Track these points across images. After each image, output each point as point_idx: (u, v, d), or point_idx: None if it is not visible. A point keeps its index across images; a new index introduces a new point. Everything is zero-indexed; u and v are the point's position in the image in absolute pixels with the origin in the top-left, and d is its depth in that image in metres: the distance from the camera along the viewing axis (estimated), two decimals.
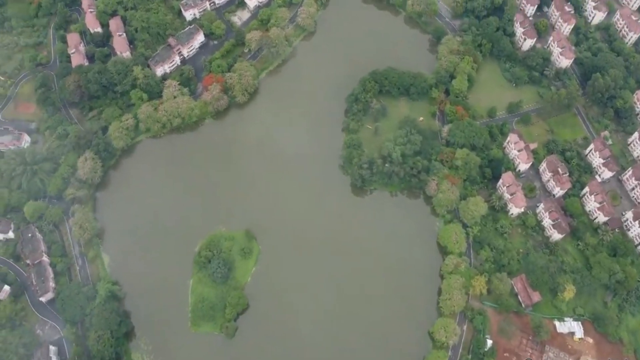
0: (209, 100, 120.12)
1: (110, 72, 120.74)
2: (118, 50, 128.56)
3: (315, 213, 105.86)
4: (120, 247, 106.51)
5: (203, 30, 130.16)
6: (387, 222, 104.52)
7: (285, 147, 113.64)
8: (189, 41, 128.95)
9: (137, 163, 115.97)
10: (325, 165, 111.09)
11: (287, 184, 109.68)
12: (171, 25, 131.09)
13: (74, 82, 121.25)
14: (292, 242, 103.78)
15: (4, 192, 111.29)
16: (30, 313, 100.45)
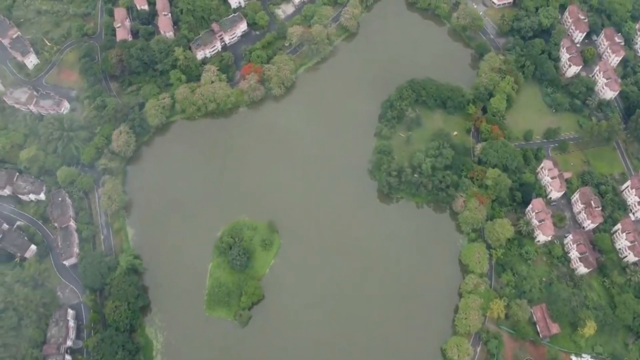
0: (245, 89, 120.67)
1: (152, 50, 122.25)
2: (162, 30, 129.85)
3: (339, 215, 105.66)
4: (145, 222, 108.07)
5: (246, 19, 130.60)
6: (410, 233, 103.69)
7: (315, 145, 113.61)
8: (232, 28, 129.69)
9: (169, 142, 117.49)
10: (354, 168, 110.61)
11: (313, 182, 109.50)
12: (216, 10, 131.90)
13: (116, 55, 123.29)
14: (313, 241, 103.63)
15: (40, 155, 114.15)
16: (53, 275, 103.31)
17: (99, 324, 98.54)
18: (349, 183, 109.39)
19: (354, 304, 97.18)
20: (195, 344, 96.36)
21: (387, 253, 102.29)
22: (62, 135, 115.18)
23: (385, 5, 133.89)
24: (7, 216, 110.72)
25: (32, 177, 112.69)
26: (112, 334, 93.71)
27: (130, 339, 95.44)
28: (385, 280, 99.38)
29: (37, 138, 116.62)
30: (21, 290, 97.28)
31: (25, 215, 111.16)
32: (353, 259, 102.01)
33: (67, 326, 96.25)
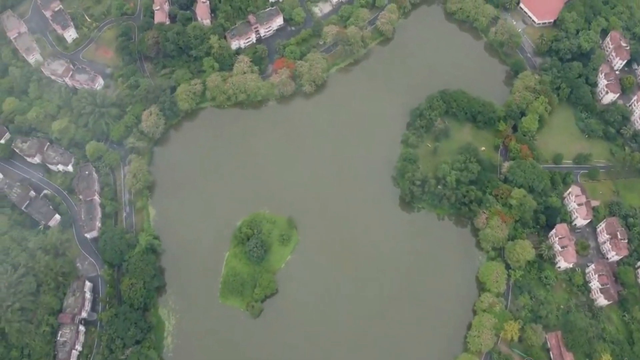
0: (276, 83, 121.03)
1: (188, 36, 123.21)
2: (199, 16, 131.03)
3: (359, 218, 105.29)
4: (167, 203, 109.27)
5: (283, 14, 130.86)
6: (429, 245, 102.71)
7: (341, 146, 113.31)
8: (268, 22, 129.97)
9: (197, 128, 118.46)
10: (378, 173, 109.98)
11: (336, 183, 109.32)
12: (254, 2, 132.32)
13: (153, 37, 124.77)
14: (331, 240, 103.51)
15: (71, 127, 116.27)
16: (74, 246, 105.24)
17: (114, 299, 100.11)
18: (372, 188, 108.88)
19: (366, 308, 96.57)
20: (206, 330, 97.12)
21: (404, 262, 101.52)
22: (93, 110, 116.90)
23: (423, 13, 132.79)
24: (35, 184, 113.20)
25: (61, 148, 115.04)
26: (126, 310, 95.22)
27: (143, 318, 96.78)
28: (399, 288, 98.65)
29: (70, 111, 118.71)
30: (42, 257, 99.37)
31: (52, 184, 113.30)
32: (369, 263, 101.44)
33: (83, 297, 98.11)
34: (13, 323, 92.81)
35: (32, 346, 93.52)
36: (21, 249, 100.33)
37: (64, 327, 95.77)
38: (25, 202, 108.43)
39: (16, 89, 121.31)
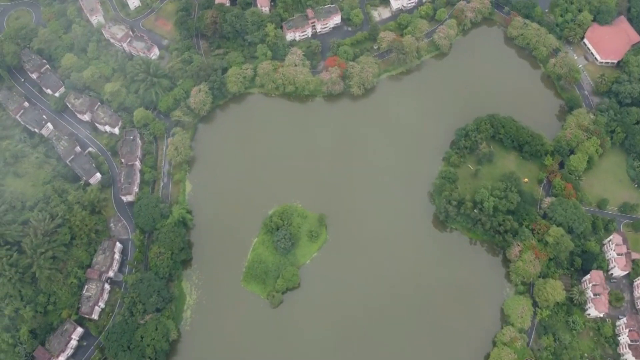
0: (326, 81, 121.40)
1: (245, 20, 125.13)
2: (259, 3, 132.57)
3: (390, 228, 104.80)
4: (203, 181, 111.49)
5: (342, 13, 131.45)
6: (457, 267, 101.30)
7: (381, 153, 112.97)
8: (326, 18, 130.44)
9: (242, 112, 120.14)
10: (415, 187, 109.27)
11: (372, 188, 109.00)
12: None
13: (212, 17, 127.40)
14: (359, 245, 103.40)
15: (123, 91, 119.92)
16: (110, 206, 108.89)
17: (141, 265, 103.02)
18: (407, 200, 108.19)
19: (383, 320, 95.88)
20: (225, 311, 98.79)
21: (428, 279, 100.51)
22: (146, 78, 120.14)
23: (482, 33, 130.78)
24: (82, 140, 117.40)
25: (111, 110, 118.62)
26: (151, 277, 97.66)
27: (167, 287, 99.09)
28: (419, 307, 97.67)
29: (123, 75, 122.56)
30: (79, 212, 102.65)
31: (98, 144, 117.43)
32: (393, 274, 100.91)
33: (112, 257, 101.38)
34: (44, 270, 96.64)
35: (58, 295, 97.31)
36: (61, 200, 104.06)
37: (91, 282, 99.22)
38: (70, 156, 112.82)
39: (76, 47, 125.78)
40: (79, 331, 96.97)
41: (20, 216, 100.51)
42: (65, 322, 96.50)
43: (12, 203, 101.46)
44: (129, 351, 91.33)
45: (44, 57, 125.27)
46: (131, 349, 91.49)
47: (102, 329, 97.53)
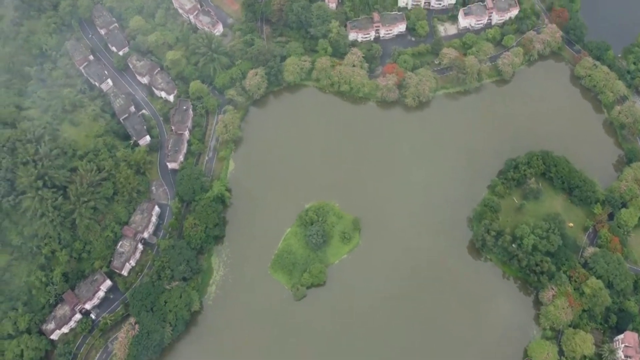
0: (381, 86, 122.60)
1: (311, 13, 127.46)
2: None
3: (423, 245, 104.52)
4: (246, 163, 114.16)
5: (407, 22, 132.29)
6: (484, 299, 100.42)
7: (426, 169, 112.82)
8: (390, 25, 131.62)
9: (294, 102, 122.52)
10: (455, 209, 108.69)
11: (411, 202, 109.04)
12: (382, 1, 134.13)
13: (279, 4, 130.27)
14: (390, 256, 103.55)
15: (183, 61, 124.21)
16: (154, 170, 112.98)
17: (175, 232, 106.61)
18: (445, 220, 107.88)
19: (399, 337, 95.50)
20: (248, 293, 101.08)
21: (454, 305, 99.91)
22: (206, 53, 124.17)
23: (548, 67, 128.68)
24: (137, 101, 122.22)
25: (169, 77, 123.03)
26: (183, 246, 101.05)
27: (196, 259, 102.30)
28: (440, 330, 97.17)
29: (186, 46, 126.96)
30: (125, 169, 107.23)
31: (152, 107, 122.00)
32: (418, 292, 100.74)
33: (149, 219, 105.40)
34: (84, 218, 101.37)
35: (94, 245, 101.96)
36: (109, 155, 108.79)
37: (125, 239, 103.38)
38: (124, 115, 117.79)
39: (145, 11, 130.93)
40: (108, 283, 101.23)
41: (69, 163, 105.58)
42: (97, 272, 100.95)
43: (64, 149, 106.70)
44: (151, 312, 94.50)
45: (114, 16, 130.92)
46: (154, 311, 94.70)
47: (129, 286, 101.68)
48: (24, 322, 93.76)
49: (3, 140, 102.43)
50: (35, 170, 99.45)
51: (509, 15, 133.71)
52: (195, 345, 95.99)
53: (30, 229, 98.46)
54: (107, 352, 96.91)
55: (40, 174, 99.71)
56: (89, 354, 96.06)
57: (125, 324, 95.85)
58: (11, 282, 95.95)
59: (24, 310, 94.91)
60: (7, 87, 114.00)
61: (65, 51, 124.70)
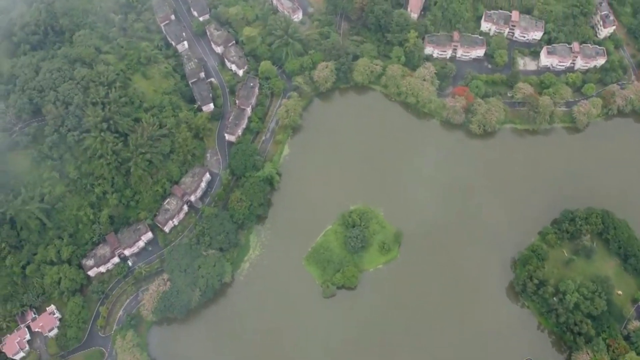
0: (449, 107, 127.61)
1: (392, 19, 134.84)
2: (410, 7, 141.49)
3: (460, 275, 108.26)
4: (301, 152, 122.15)
5: (487, 48, 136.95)
6: (514, 346, 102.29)
7: (478, 198, 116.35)
8: (469, 47, 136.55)
9: (358, 102, 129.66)
10: (501, 246, 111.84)
11: (457, 228, 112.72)
12: (465, 22, 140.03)
13: (361, 3, 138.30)
14: (424, 277, 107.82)
15: (258, 39, 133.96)
16: (212, 138, 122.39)
17: (221, 203, 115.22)
18: (488, 256, 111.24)
19: (417, 357, 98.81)
20: (279, 279, 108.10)
21: (480, 342, 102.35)
22: (282, 36, 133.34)
23: (627, 125, 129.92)
24: (208, 68, 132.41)
25: (242, 52, 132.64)
26: (225, 217, 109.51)
27: (236, 233, 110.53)
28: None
29: (263, 25, 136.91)
30: (185, 131, 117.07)
31: (220, 78, 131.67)
32: (445, 319, 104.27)
33: (198, 184, 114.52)
34: (139, 168, 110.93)
35: (143, 196, 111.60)
36: (172, 114, 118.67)
37: (173, 198, 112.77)
38: (193, 79, 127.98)
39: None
40: (149, 235, 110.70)
41: (134, 113, 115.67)
42: (140, 222, 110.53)
43: (132, 98, 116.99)
44: (184, 273, 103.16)
45: None
46: (187, 272, 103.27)
47: (168, 243, 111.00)
48: (67, 252, 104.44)
49: (79, 78, 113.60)
50: (103, 112, 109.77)
51: (594, 63, 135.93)
52: (219, 316, 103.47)
53: (87, 166, 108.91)
54: (136, 300, 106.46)
55: (106, 117, 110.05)
56: (119, 297, 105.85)
57: (158, 278, 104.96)
58: (62, 212, 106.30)
59: (68, 241, 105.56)
60: (91, 29, 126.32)
61: (149, 6, 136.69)
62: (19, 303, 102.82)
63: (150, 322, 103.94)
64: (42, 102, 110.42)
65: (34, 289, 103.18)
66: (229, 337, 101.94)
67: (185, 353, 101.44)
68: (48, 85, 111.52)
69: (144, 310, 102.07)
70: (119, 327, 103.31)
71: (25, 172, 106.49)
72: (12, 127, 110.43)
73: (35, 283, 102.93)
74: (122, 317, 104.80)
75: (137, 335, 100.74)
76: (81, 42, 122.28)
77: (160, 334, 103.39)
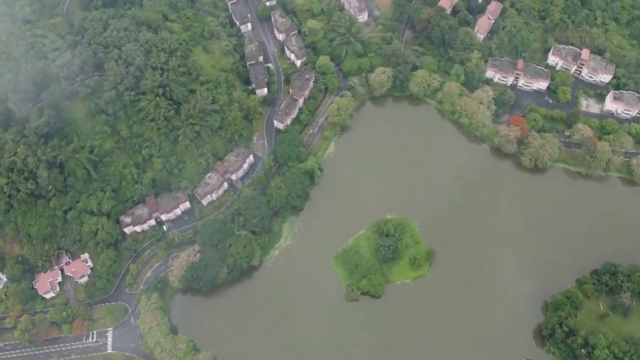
0: (502, 134, 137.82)
1: (457, 36, 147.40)
2: (477, 28, 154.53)
3: (488, 308, 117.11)
4: (346, 151, 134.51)
5: (550, 83, 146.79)
6: None
7: (518, 235, 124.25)
8: (532, 78, 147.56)
9: (410, 113, 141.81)
10: (534, 286, 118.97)
11: (490, 259, 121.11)
12: (532, 51, 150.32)
13: (428, 14, 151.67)
14: (450, 302, 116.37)
15: (320, 33, 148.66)
16: (261, 122, 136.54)
17: (260, 187, 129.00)
18: (520, 293, 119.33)
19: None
20: (305, 272, 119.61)
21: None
22: (344, 34, 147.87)
23: None
24: (267, 53, 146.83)
25: (302, 43, 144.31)
26: (262, 202, 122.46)
27: (270, 219, 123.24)
28: None
29: (328, 20, 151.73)
30: (236, 110, 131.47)
31: (278, 64, 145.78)
32: (466, 350, 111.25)
33: (241, 164, 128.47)
34: (186, 138, 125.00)
35: (186, 165, 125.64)
36: (226, 92, 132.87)
37: (215, 173, 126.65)
38: (252, 61, 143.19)
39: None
40: (187, 205, 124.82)
41: (190, 84, 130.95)
42: (180, 191, 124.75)
43: (190, 70, 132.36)
44: (214, 248, 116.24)
45: None
46: (217, 248, 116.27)
47: (204, 216, 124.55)
48: (107, 206, 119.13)
49: (143, 41, 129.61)
50: (160, 78, 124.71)
51: None
52: (241, 296, 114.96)
53: (139, 127, 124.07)
54: (165, 265, 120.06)
55: (163, 83, 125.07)
56: (150, 259, 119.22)
57: (190, 248, 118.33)
58: (109, 166, 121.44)
59: (110, 196, 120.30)
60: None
61: None
62: (56, 245, 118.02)
63: (176, 289, 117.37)
64: (105, 58, 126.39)
65: (72, 235, 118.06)
66: (248, 319, 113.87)
67: (203, 326, 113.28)
68: (113, 43, 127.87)
69: (172, 277, 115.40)
70: (145, 287, 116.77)
71: (80, 121, 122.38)
72: (74, 77, 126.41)
73: (74, 229, 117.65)
74: (149, 279, 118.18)
75: (161, 298, 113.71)
76: (150, 6, 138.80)
77: (183, 302, 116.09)
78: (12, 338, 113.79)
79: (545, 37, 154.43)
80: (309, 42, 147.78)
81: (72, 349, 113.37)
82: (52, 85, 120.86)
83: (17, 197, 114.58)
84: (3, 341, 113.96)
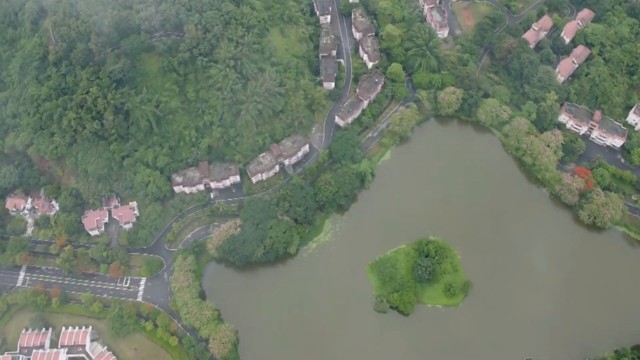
0: (565, 183, 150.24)
1: (536, 72, 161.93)
2: (559, 69, 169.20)
3: (516, 353, 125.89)
4: (400, 162, 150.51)
5: (625, 142, 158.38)
6: None
7: (561, 288, 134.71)
8: (607, 133, 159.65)
9: (474, 140, 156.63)
10: (567, 346, 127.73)
11: (524, 307, 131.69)
12: (612, 104, 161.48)
13: (509, 45, 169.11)
14: (481, 338, 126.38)
15: (397, 39, 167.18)
16: (322, 115, 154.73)
17: (310, 178, 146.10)
18: (552, 350, 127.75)
19: None
20: (338, 273, 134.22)
21: None
22: (421, 46, 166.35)
23: None
24: (341, 49, 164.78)
25: (377, 46, 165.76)
26: (309, 193, 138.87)
27: (314, 212, 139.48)
28: None
29: (407, 28, 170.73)
30: (300, 97, 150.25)
31: (350, 62, 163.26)
32: None
33: (296, 151, 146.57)
34: (248, 114, 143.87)
35: (243, 140, 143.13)
36: (295, 78, 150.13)
37: (269, 154, 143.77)
38: (325, 53, 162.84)
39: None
40: (237, 179, 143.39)
41: (261, 62, 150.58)
42: (233, 163, 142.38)
43: (264, 49, 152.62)
44: (255, 227, 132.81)
45: None
46: (258, 227, 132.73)
47: (251, 193, 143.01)
48: (163, 161, 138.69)
49: (224, 11, 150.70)
50: (234, 50, 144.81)
51: None
52: (272, 280, 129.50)
53: (205, 93, 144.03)
54: (206, 232, 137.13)
55: (235, 56, 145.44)
56: (193, 222, 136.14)
57: (232, 220, 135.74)
58: (170, 124, 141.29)
59: (167, 152, 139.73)
60: None
61: None
62: (109, 187, 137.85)
63: (211, 256, 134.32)
64: (186, 20, 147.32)
65: (125, 181, 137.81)
66: (274, 303, 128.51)
67: (230, 298, 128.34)
68: (196, 7, 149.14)
69: (210, 244, 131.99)
70: (183, 247, 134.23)
71: (151, 75, 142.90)
72: (154, 32, 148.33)
73: (128, 176, 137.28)
74: (189, 240, 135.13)
75: (196, 262, 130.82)
76: None
77: (216, 271, 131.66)
78: (54, 264, 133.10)
79: (630, 94, 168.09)
80: (384, 47, 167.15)
81: (105, 289, 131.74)
82: (133, 36, 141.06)
83: (82, 133, 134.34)
84: (46, 265, 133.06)
